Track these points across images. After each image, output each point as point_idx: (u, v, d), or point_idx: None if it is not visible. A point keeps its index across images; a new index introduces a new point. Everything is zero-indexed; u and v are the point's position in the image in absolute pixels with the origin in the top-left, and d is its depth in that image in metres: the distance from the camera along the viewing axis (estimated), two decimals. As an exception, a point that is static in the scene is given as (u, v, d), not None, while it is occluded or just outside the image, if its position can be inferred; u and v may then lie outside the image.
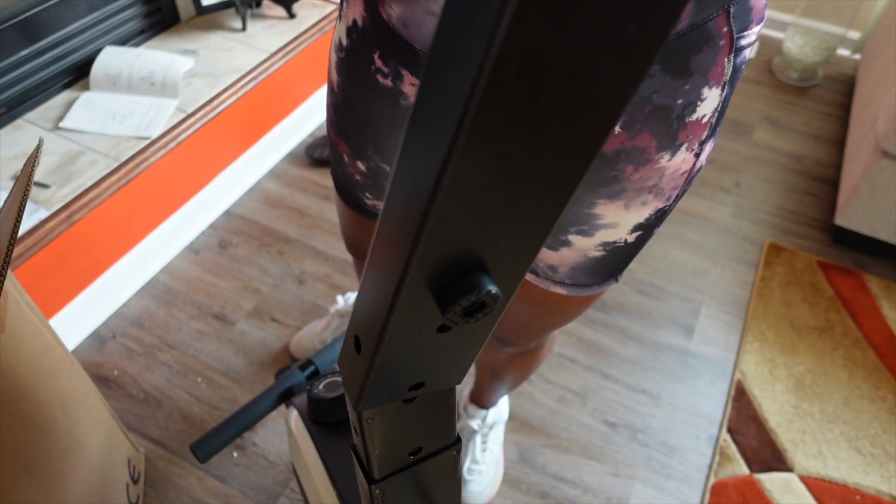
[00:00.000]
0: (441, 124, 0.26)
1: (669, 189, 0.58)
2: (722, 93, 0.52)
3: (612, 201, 0.57)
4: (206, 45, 1.69)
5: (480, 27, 0.23)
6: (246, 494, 1.21)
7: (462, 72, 0.24)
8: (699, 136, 0.54)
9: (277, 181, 1.83)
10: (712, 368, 1.47)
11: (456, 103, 0.25)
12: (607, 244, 0.62)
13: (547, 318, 0.77)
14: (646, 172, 0.55)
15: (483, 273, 0.32)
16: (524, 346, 0.91)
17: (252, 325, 1.48)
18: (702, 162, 0.58)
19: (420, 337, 0.36)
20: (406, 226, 0.30)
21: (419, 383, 0.40)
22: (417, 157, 0.29)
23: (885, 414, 1.40)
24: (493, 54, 0.22)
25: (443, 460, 0.49)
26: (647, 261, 1.69)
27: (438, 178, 0.27)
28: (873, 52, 2.05)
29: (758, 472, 1.30)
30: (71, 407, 0.92)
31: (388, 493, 0.48)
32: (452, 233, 0.30)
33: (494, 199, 0.29)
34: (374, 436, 0.43)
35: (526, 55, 0.23)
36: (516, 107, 0.25)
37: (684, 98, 0.50)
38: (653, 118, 0.51)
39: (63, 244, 1.29)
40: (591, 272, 0.66)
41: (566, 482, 1.27)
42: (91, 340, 1.44)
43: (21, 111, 1.44)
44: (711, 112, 0.53)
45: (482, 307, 0.33)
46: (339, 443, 0.82)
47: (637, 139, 0.52)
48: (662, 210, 0.60)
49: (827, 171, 2.01)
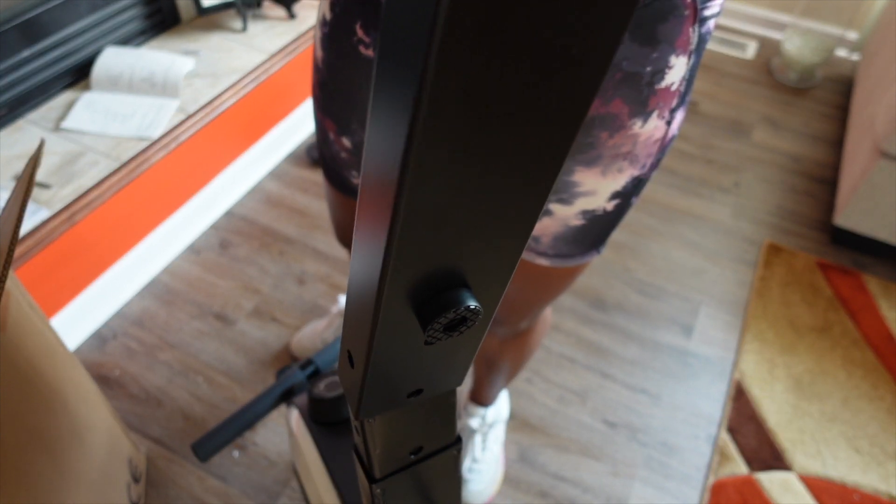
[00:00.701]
0: (393, 154, 0.26)
1: (644, 157, 0.60)
2: (689, 61, 0.54)
3: (590, 168, 0.60)
4: (206, 46, 1.69)
5: (412, 65, 0.23)
6: (247, 494, 1.22)
7: (403, 106, 0.24)
8: (669, 103, 0.57)
9: (278, 181, 1.83)
10: (712, 368, 1.47)
11: (399, 134, 0.25)
12: (587, 212, 0.64)
13: (533, 292, 0.79)
14: (620, 139, 0.57)
15: (463, 288, 0.32)
16: (515, 326, 0.91)
17: (252, 325, 1.48)
18: (674, 131, 0.60)
19: (409, 349, 0.36)
20: (376, 246, 0.30)
21: (417, 390, 0.40)
22: (375, 184, 0.28)
23: (883, 413, 1.40)
24: (426, 88, 0.22)
25: (443, 460, 0.49)
26: (646, 261, 1.70)
27: (396, 203, 0.26)
28: (872, 53, 2.05)
29: (757, 472, 1.30)
30: (72, 407, 0.93)
31: (389, 493, 0.48)
32: (424, 251, 0.29)
33: (461, 216, 0.28)
34: (374, 436, 0.43)
35: (464, 86, 0.23)
36: (464, 133, 0.24)
37: (653, 66, 0.53)
38: (624, 85, 0.53)
39: (64, 244, 1.30)
40: (573, 242, 0.68)
41: (566, 481, 1.27)
42: (92, 340, 1.44)
43: (22, 112, 1.44)
44: (679, 80, 0.55)
45: (463, 322, 0.33)
46: (340, 442, 0.82)
47: (610, 105, 0.55)
48: (638, 178, 0.62)
49: (826, 171, 2.01)
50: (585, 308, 1.57)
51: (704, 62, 2.43)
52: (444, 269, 0.31)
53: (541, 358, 1.46)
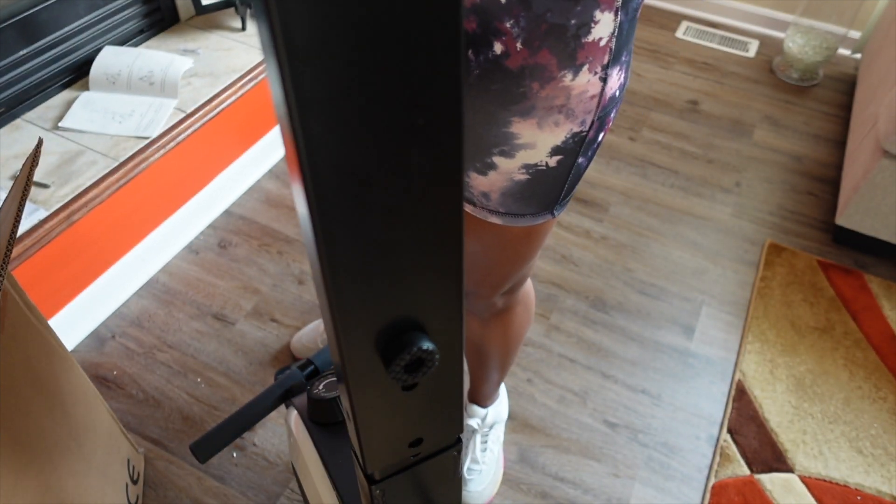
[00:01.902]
0: (311, 232, 0.29)
1: (582, 112, 0.63)
2: (616, 18, 0.57)
3: (525, 119, 0.63)
4: (205, 45, 1.69)
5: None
6: (246, 495, 1.21)
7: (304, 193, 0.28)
8: (600, 58, 0.60)
9: (277, 181, 1.83)
10: (713, 368, 1.47)
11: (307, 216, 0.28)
12: (529, 166, 0.67)
13: (493, 255, 0.81)
14: (552, 90, 0.60)
15: (417, 331, 0.34)
16: (489, 299, 0.92)
17: (252, 326, 1.48)
18: (612, 90, 0.63)
19: (390, 397, 0.38)
20: (324, 305, 0.33)
21: (418, 439, 0.43)
22: (309, 250, 0.32)
23: (885, 414, 1.40)
24: (308, 175, 0.26)
25: (443, 461, 0.49)
26: (647, 261, 1.69)
27: (320, 260, 0.30)
28: (874, 52, 2.05)
29: (758, 473, 1.30)
30: (70, 407, 0.92)
31: (389, 494, 0.48)
32: (364, 301, 0.32)
33: (388, 265, 0.31)
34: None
35: (343, 168, 0.26)
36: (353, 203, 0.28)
37: (577, 19, 0.56)
38: (550, 36, 0.57)
39: (62, 244, 1.29)
40: (521, 199, 0.71)
41: (566, 482, 1.27)
42: (90, 340, 1.44)
43: (20, 111, 1.43)
44: (608, 36, 0.58)
45: (422, 363, 0.34)
46: (339, 443, 0.82)
47: (538, 56, 0.58)
48: (579, 135, 0.65)
49: (828, 170, 2.00)
50: (586, 308, 1.57)
51: (705, 61, 2.42)
52: (396, 315, 0.34)
53: (541, 358, 1.46)
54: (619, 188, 1.90)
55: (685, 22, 2.63)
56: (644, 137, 2.08)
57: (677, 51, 2.47)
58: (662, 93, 2.26)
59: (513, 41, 0.58)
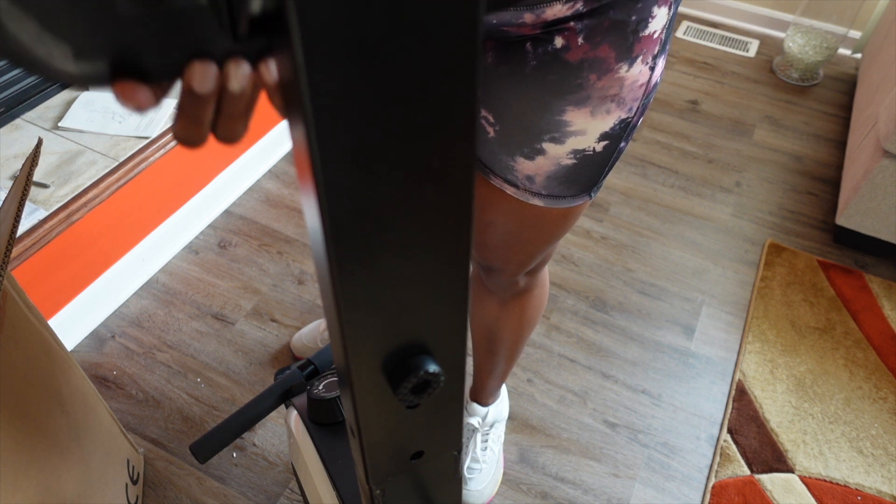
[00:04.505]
0: (324, 265, 0.31)
1: (630, 100, 0.66)
2: (669, 11, 0.62)
3: (579, 108, 0.65)
4: (205, 45, 1.68)
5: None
6: (245, 495, 1.21)
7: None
8: (652, 50, 0.63)
9: (277, 181, 1.83)
10: (713, 369, 1.47)
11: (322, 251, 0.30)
12: (577, 151, 0.69)
13: (528, 235, 0.82)
14: (608, 81, 0.63)
15: (424, 355, 0.36)
16: (513, 277, 0.92)
17: (252, 326, 1.48)
18: (656, 77, 0.66)
19: (395, 416, 0.39)
20: (334, 328, 0.34)
21: (419, 452, 0.44)
22: (320, 279, 0.33)
23: (886, 414, 1.40)
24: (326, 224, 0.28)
25: (443, 461, 0.49)
26: (647, 261, 1.69)
27: (334, 291, 0.31)
28: (874, 52, 2.05)
29: (758, 473, 1.30)
30: (70, 407, 0.92)
31: (389, 494, 0.48)
32: (373, 327, 0.33)
33: (400, 294, 0.33)
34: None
35: (355, 210, 0.28)
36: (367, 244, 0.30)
37: (637, 15, 0.60)
38: (611, 32, 0.60)
39: (62, 244, 1.29)
40: (565, 182, 0.73)
41: (566, 482, 1.27)
42: (90, 341, 1.44)
43: (20, 111, 1.43)
44: (661, 28, 0.62)
45: (427, 384, 0.36)
46: (339, 443, 0.82)
47: (598, 50, 0.61)
48: (625, 121, 0.68)
49: (828, 170, 2.00)
50: (586, 308, 1.57)
51: (705, 61, 2.42)
52: (404, 341, 0.35)
53: (541, 358, 1.46)
54: (619, 188, 1.89)
55: (685, 22, 2.63)
56: (644, 137, 2.07)
57: (677, 50, 2.47)
58: (663, 92, 2.26)
59: (574, 36, 0.60)
